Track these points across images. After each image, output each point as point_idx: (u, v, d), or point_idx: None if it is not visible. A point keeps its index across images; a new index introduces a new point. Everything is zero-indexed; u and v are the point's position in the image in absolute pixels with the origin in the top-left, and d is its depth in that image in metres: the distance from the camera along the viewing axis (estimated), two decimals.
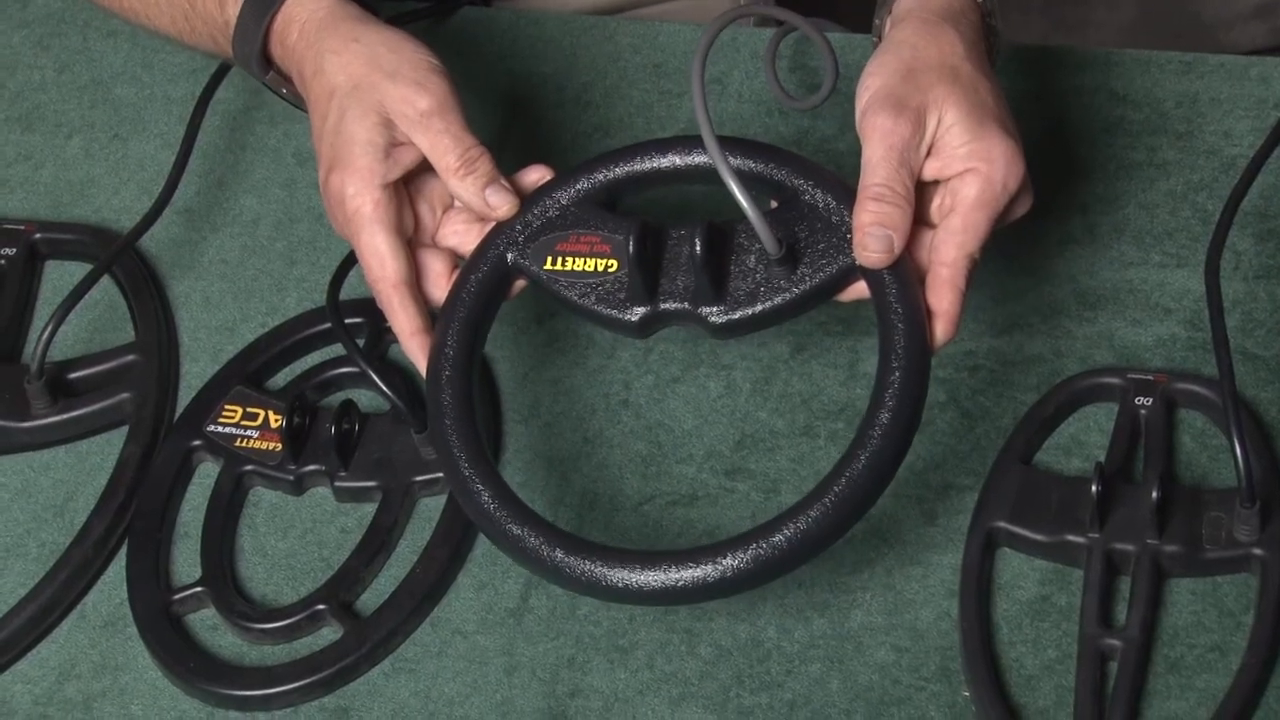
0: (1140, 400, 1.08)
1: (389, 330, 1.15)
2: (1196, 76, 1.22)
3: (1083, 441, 1.09)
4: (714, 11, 1.42)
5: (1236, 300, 1.12)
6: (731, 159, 1.02)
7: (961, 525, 1.06)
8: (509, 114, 1.28)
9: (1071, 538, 1.03)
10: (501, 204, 1.07)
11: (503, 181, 1.07)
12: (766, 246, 1.00)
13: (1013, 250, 1.15)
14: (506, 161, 1.10)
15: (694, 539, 1.08)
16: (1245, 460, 0.99)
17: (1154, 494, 1.01)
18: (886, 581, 1.06)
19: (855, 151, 1.05)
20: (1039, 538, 1.04)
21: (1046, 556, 1.05)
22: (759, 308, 1.02)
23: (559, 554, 0.97)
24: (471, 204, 1.07)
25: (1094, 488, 1.02)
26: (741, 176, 0.99)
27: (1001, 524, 1.05)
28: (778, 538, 0.95)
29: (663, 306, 1.03)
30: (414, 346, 1.06)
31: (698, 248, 1.01)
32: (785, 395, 1.13)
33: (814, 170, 1.04)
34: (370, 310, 1.16)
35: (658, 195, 1.09)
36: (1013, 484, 1.06)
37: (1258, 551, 1.01)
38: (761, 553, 0.95)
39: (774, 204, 1.05)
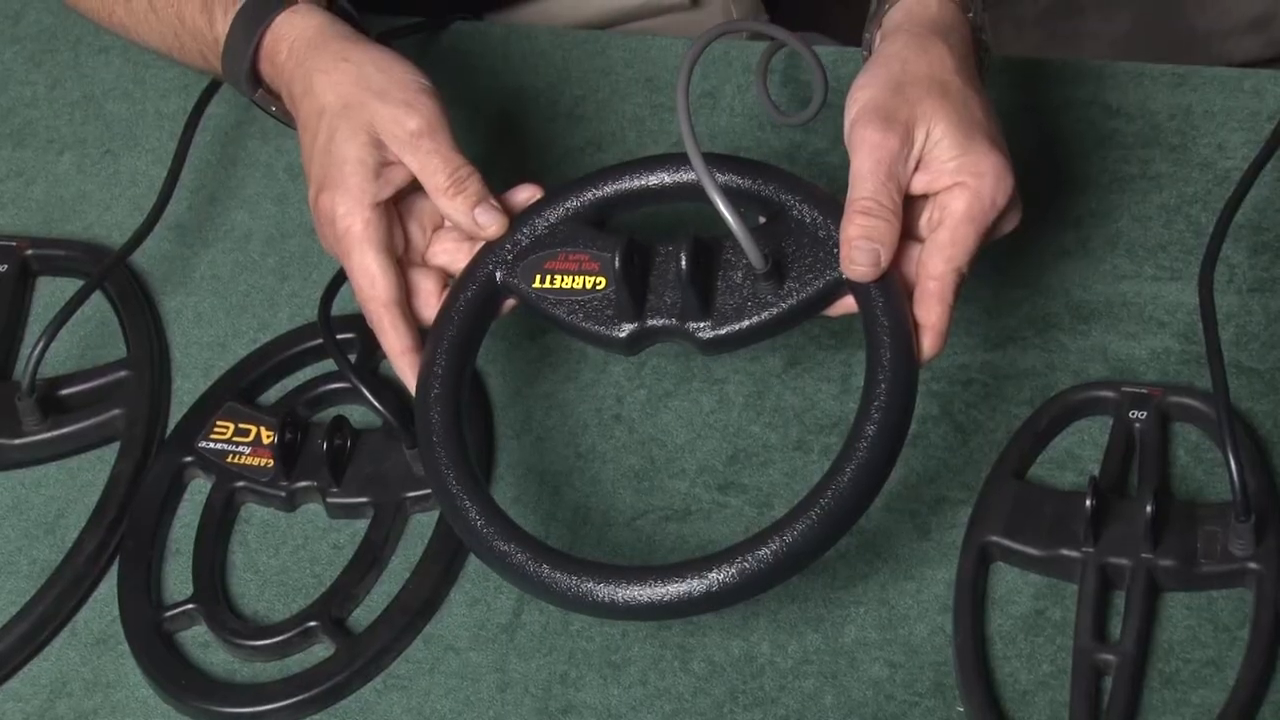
0: (1134, 414, 1.08)
1: (380, 346, 1.15)
2: (1190, 89, 1.22)
3: (1077, 455, 1.08)
4: (706, 26, 1.41)
5: (1230, 313, 1.12)
6: (718, 175, 1.02)
7: (955, 539, 1.06)
8: (501, 128, 1.27)
9: (1066, 552, 1.03)
10: (491, 223, 1.07)
11: (492, 201, 1.07)
12: (752, 261, 1.00)
13: (1006, 263, 1.15)
14: (499, 175, 1.09)
15: (687, 554, 1.08)
16: (1240, 474, 0.99)
17: (1148, 508, 1.01)
18: (880, 596, 1.05)
19: (847, 165, 1.05)
20: (1033, 552, 1.04)
21: (1040, 571, 1.04)
22: (746, 323, 1.02)
23: (545, 570, 0.97)
24: (461, 223, 1.07)
25: (1088, 502, 1.02)
26: (728, 193, 0.99)
27: (995, 538, 1.05)
28: (763, 551, 0.95)
29: (650, 323, 1.03)
30: (404, 365, 1.06)
31: (683, 263, 1.01)
32: (778, 409, 1.13)
33: (800, 185, 1.04)
34: (362, 326, 1.15)
35: (649, 212, 1.09)
36: (1006, 498, 1.06)
37: (1253, 566, 1.01)
38: (747, 566, 0.95)
39: (762, 220, 1.05)
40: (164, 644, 1.07)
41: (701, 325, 1.02)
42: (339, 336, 1.13)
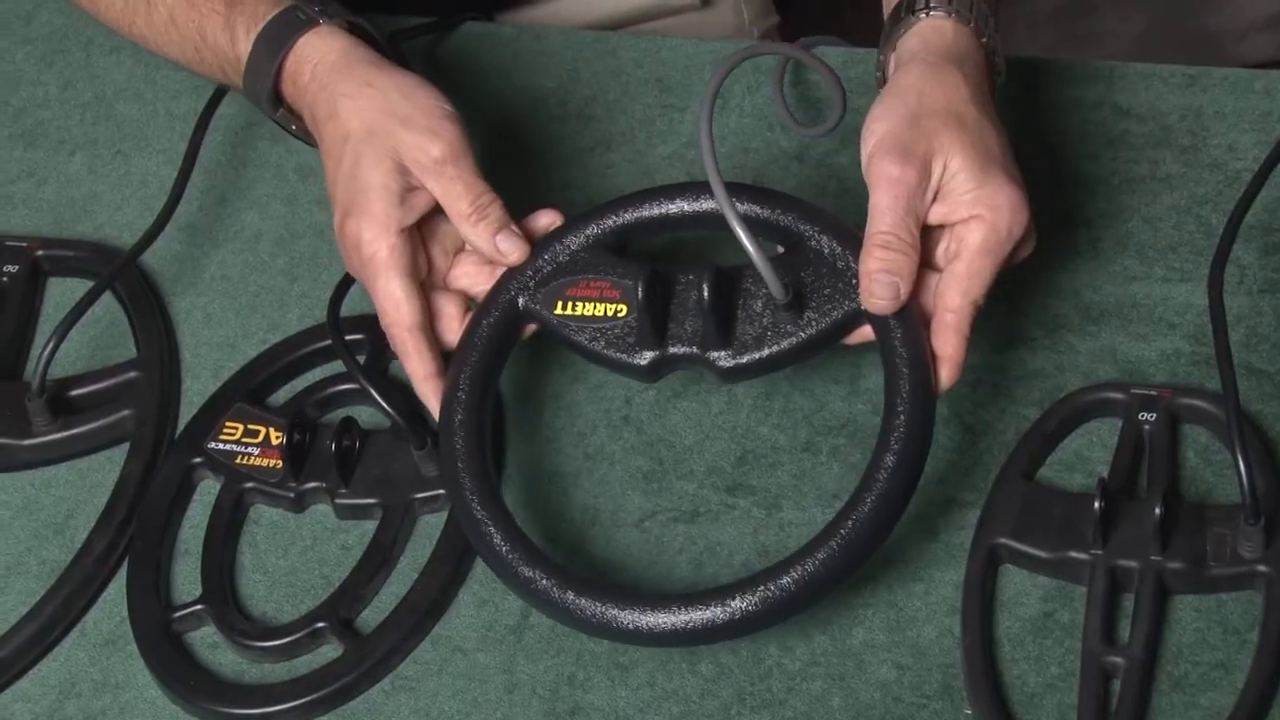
0: (1144, 415, 1.08)
1: (389, 347, 1.15)
2: (1201, 90, 1.22)
3: (1086, 457, 1.08)
4: (716, 26, 1.41)
5: (1241, 315, 1.12)
6: (738, 205, 1.04)
7: (964, 541, 1.06)
8: (511, 128, 1.27)
9: (1074, 554, 1.03)
10: (512, 250, 1.08)
11: (513, 228, 1.08)
12: (773, 292, 1.02)
13: (1015, 265, 1.14)
14: (510, 176, 1.10)
15: (695, 555, 1.08)
16: (1249, 476, 0.99)
17: (1157, 510, 1.01)
18: (888, 598, 1.05)
19: (857, 165, 1.05)
20: (1041, 554, 1.04)
21: (1049, 573, 1.04)
22: (766, 352, 1.03)
23: (570, 596, 0.99)
24: (483, 250, 1.08)
25: (1097, 504, 1.01)
26: (748, 222, 1.01)
27: (1004, 540, 1.04)
28: (785, 580, 0.97)
29: (671, 351, 1.05)
30: (427, 390, 1.07)
31: (705, 293, 1.02)
32: (787, 410, 1.12)
33: (820, 216, 1.06)
34: (371, 327, 1.15)
35: (668, 237, 1.10)
36: (1015, 500, 1.05)
37: (1262, 568, 1.01)
38: (770, 595, 0.97)
39: (780, 249, 1.06)
40: (172, 645, 1.08)
41: (721, 354, 1.04)
42: (348, 338, 1.14)
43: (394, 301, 1.07)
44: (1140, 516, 1.02)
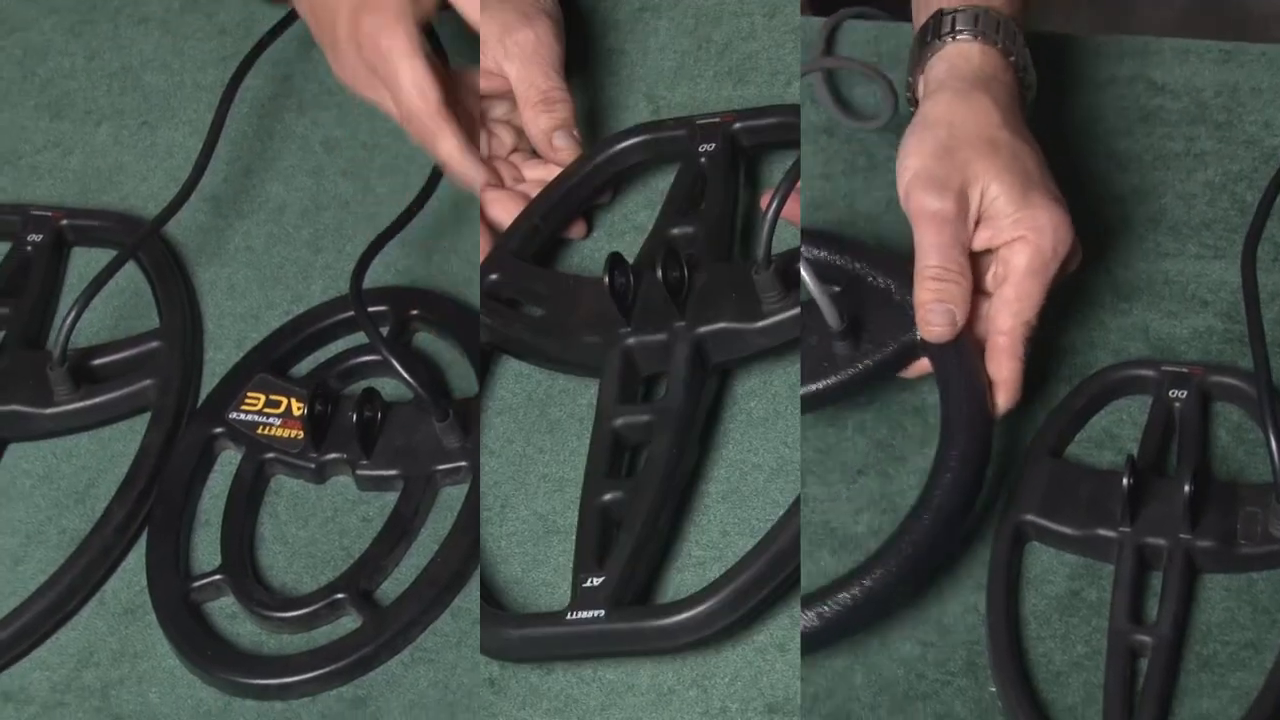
0: (1175, 393, 1.06)
1: (413, 319, 1.15)
2: (1237, 65, 1.20)
3: (1115, 434, 1.07)
4: None
5: (1274, 292, 1.10)
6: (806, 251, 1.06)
7: (990, 518, 1.04)
8: None
9: (1102, 532, 1.02)
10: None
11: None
12: (830, 324, 1.04)
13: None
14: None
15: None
16: None
17: (1187, 488, 1.00)
18: None
19: (883, 142, 1.04)
20: (1069, 532, 1.03)
21: (1076, 551, 1.03)
22: (824, 383, 1.05)
23: None
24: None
25: (1125, 481, 1.00)
26: (809, 263, 1.03)
27: (1031, 517, 1.03)
28: (844, 595, 0.97)
29: None
30: (467, 166, 1.06)
31: None
32: None
33: (873, 255, 1.08)
34: (394, 298, 1.15)
35: None
36: (1043, 477, 1.04)
37: None
38: (825, 611, 0.97)
39: (836, 289, 1.07)
40: (191, 614, 1.07)
41: None
42: (371, 309, 1.13)
43: (419, 86, 1.05)
44: (1170, 494, 1.01)
